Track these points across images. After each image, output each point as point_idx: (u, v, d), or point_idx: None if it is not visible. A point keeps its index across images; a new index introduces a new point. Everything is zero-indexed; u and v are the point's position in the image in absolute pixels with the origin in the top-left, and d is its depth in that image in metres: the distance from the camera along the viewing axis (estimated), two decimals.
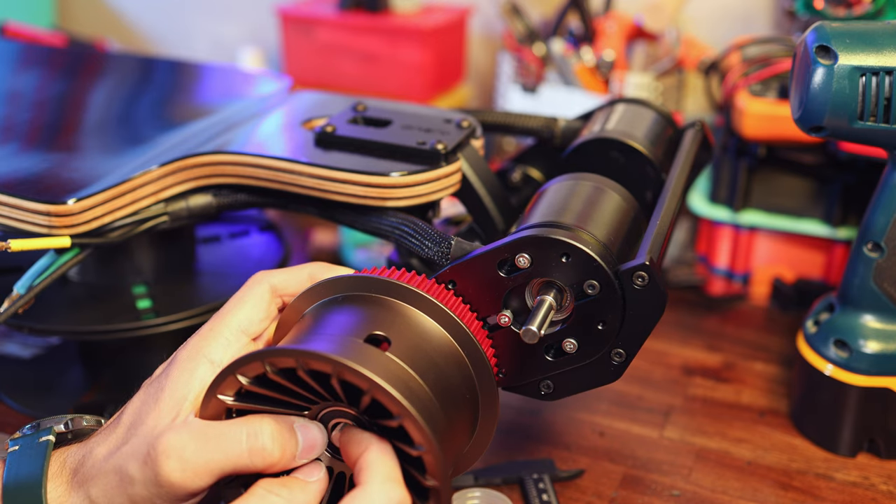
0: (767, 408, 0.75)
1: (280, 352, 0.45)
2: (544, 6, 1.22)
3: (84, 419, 0.52)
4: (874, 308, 0.66)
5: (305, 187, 0.64)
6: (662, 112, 0.71)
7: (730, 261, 0.92)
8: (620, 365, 0.54)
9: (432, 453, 0.43)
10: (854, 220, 0.86)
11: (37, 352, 0.80)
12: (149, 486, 0.46)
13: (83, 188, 0.62)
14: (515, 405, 0.73)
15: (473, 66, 1.32)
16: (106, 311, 0.69)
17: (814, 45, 0.59)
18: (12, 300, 0.61)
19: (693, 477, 0.67)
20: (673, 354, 0.82)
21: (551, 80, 1.08)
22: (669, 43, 1.06)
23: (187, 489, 0.45)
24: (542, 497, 0.63)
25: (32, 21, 1.34)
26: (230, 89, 0.84)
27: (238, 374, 0.46)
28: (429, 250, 0.56)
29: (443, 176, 0.63)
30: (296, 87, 0.93)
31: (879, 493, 0.65)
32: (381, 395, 0.43)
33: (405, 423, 0.43)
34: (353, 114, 0.69)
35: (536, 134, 0.73)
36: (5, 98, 0.82)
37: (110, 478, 0.47)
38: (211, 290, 0.74)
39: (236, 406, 0.47)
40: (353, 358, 0.43)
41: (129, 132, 0.74)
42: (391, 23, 1.17)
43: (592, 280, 0.51)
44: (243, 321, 0.51)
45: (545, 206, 0.57)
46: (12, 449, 0.50)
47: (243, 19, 1.45)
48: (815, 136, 0.60)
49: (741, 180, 0.88)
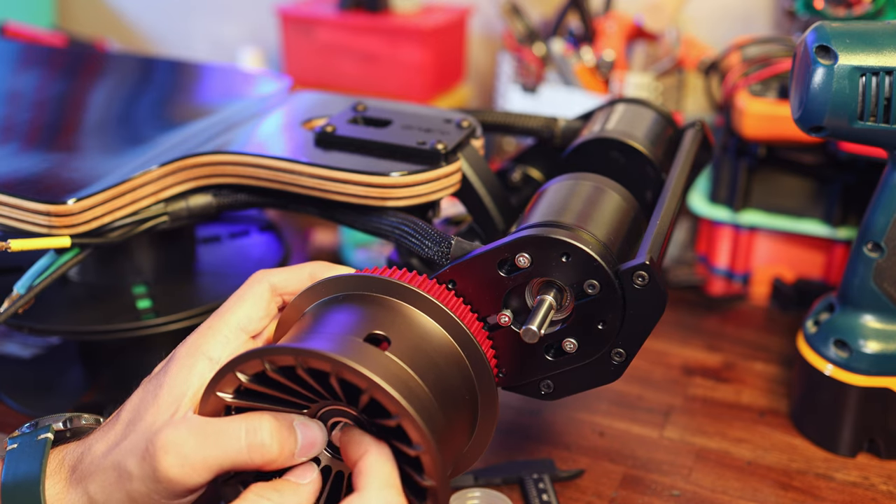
0: (767, 408, 0.75)
1: (279, 350, 0.45)
2: (544, 6, 1.22)
3: (83, 417, 0.53)
4: (874, 308, 0.66)
5: (305, 187, 0.64)
6: (662, 112, 0.71)
7: (730, 261, 0.92)
8: (620, 365, 0.54)
9: (430, 453, 0.43)
10: (854, 220, 0.86)
11: (37, 352, 0.80)
12: (147, 482, 0.46)
13: (83, 188, 0.62)
14: (515, 405, 0.73)
15: (473, 66, 1.32)
16: (106, 311, 0.69)
17: (814, 45, 0.59)
18: (12, 300, 0.61)
19: (693, 477, 0.67)
20: (673, 354, 0.82)
21: (551, 80, 1.08)
22: (669, 43, 1.06)
23: (185, 485, 0.45)
24: (542, 497, 0.63)
25: (32, 21, 1.34)
26: (230, 89, 0.84)
27: (237, 372, 0.46)
28: (429, 250, 0.56)
29: (443, 176, 0.63)
30: (296, 87, 0.93)
31: (879, 493, 0.65)
32: (379, 394, 0.43)
33: (403, 423, 0.43)
34: (353, 114, 0.69)
35: (536, 134, 0.73)
36: (5, 98, 0.82)
37: (109, 474, 0.47)
38: (211, 290, 0.74)
39: (235, 403, 0.47)
40: (353, 357, 0.43)
41: (129, 132, 0.74)
42: (391, 23, 1.17)
43: (592, 280, 0.51)
44: (242, 319, 0.51)
45: (545, 206, 0.57)
46: (11, 447, 0.50)
47: (243, 19, 1.45)
48: (815, 136, 0.60)
49: (741, 180, 0.88)
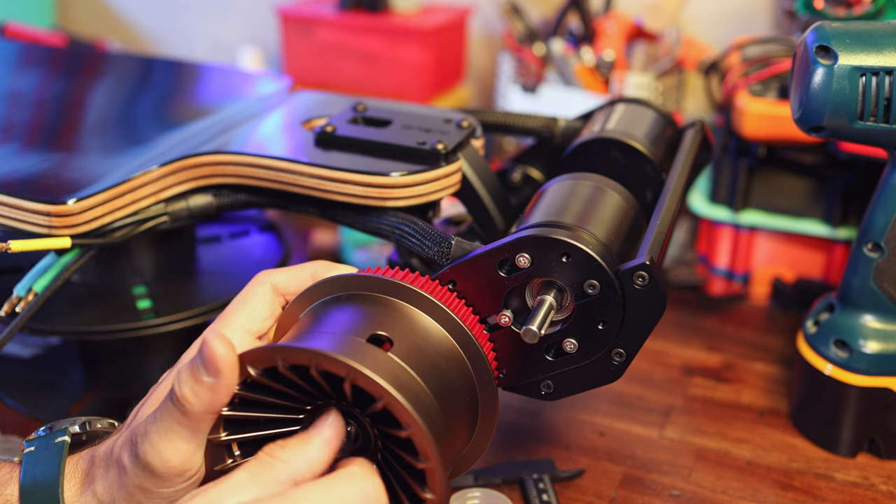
0: (767, 408, 0.75)
1: (295, 350, 0.44)
2: (544, 6, 1.22)
3: (99, 422, 0.53)
4: (874, 308, 0.66)
5: (306, 187, 0.64)
6: (662, 112, 0.71)
7: (730, 261, 0.92)
8: (620, 365, 0.54)
9: (436, 468, 0.43)
10: (854, 220, 0.86)
11: (37, 352, 0.80)
12: (138, 473, 0.46)
13: (83, 188, 0.62)
14: (515, 405, 0.73)
15: (473, 66, 1.32)
16: (106, 311, 0.69)
17: (814, 45, 0.59)
18: (27, 302, 0.61)
19: (693, 477, 0.67)
20: (673, 354, 0.82)
21: (551, 80, 1.08)
22: (669, 43, 1.06)
23: (168, 468, 0.45)
24: (542, 497, 0.63)
25: (32, 21, 1.34)
26: (230, 89, 0.84)
27: (248, 365, 0.46)
28: (429, 250, 0.56)
29: (443, 176, 0.63)
30: (296, 87, 0.93)
31: (879, 493, 0.65)
32: (393, 405, 0.43)
33: (414, 437, 0.43)
34: (353, 114, 0.69)
35: (536, 134, 0.73)
36: (5, 98, 0.82)
37: (111, 472, 0.47)
38: (211, 291, 0.74)
39: (239, 395, 0.47)
40: (367, 364, 0.43)
41: (129, 132, 0.74)
42: (391, 23, 1.17)
43: (593, 280, 0.51)
44: (246, 321, 0.51)
45: (545, 206, 0.57)
46: (28, 450, 0.50)
47: (243, 19, 1.45)
48: (815, 136, 0.60)
49: (741, 180, 0.88)
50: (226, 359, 0.44)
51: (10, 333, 0.61)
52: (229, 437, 0.47)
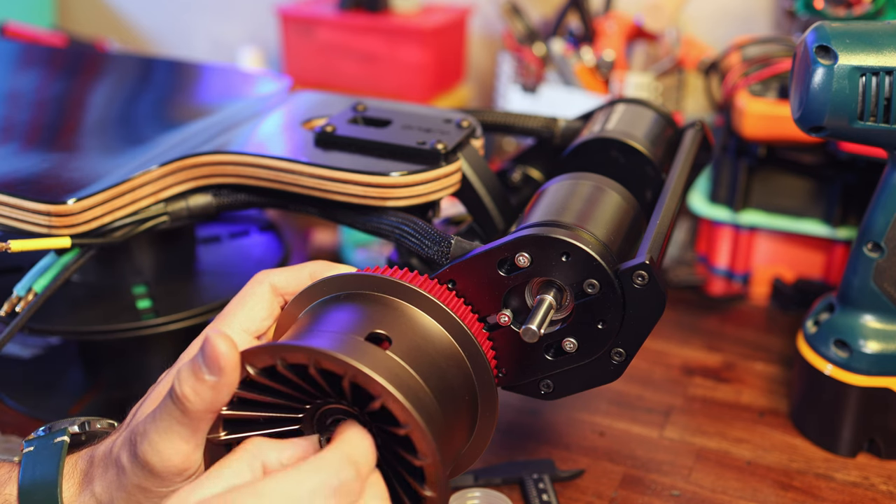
0: (767, 408, 0.75)
1: (294, 348, 0.44)
2: (544, 6, 1.22)
3: (98, 422, 0.53)
4: (874, 308, 0.66)
5: (306, 187, 0.64)
6: (662, 112, 0.71)
7: (730, 261, 0.92)
8: (620, 364, 0.54)
9: (434, 465, 0.43)
10: (854, 220, 0.86)
11: (37, 352, 0.80)
12: (137, 473, 0.46)
13: (83, 188, 0.62)
14: (515, 405, 0.73)
15: (473, 66, 1.32)
16: (106, 311, 0.69)
17: (814, 45, 0.59)
18: (27, 302, 0.61)
19: (693, 477, 0.67)
20: (673, 354, 0.82)
21: (551, 80, 1.08)
22: (669, 43, 1.06)
23: (167, 467, 0.45)
24: (542, 497, 0.63)
25: (32, 21, 1.34)
26: (230, 89, 0.84)
27: (247, 364, 0.46)
28: (429, 250, 0.56)
29: (443, 176, 0.63)
30: (296, 87, 0.93)
31: (879, 493, 0.65)
32: (392, 404, 0.43)
33: (413, 435, 0.43)
34: (353, 114, 0.69)
35: (536, 134, 0.73)
36: (5, 98, 0.82)
37: (110, 472, 0.47)
38: (211, 290, 0.74)
39: (237, 394, 0.47)
40: (366, 362, 0.43)
41: (129, 132, 0.74)
42: (391, 23, 1.17)
43: (592, 279, 0.51)
44: (245, 321, 0.51)
45: (545, 206, 0.57)
46: (27, 450, 0.50)
47: (243, 19, 1.45)
48: (815, 136, 0.60)
49: (741, 180, 0.88)
50: (229, 357, 0.43)
51: (10, 333, 0.61)
52: (228, 437, 0.47)
